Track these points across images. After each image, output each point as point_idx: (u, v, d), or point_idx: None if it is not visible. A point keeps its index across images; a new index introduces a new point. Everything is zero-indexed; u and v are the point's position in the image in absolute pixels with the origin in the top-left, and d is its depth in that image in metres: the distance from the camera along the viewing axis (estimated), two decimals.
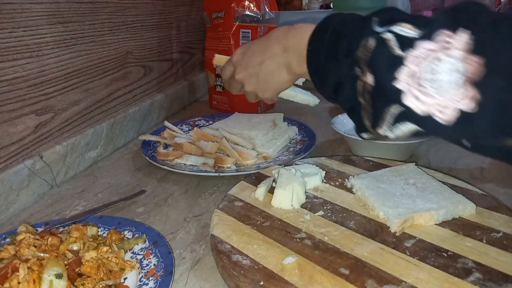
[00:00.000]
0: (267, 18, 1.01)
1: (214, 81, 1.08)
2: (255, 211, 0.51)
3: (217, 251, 0.44)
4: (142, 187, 0.67)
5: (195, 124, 0.90)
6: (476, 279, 0.37)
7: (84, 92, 0.75)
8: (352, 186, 0.56)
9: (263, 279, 0.39)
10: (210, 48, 1.06)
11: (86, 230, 0.48)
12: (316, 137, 0.79)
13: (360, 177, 0.56)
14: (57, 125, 0.69)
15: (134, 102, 0.93)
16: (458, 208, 0.48)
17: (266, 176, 0.60)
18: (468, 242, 0.43)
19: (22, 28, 0.60)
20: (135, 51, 0.92)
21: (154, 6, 0.99)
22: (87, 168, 0.75)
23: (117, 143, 0.84)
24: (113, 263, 0.44)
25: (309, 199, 0.54)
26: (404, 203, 0.49)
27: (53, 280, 0.39)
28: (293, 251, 0.43)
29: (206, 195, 0.63)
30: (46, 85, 0.66)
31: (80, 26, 0.73)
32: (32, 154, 0.63)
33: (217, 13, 1.01)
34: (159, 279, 0.42)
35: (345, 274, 0.39)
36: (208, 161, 0.68)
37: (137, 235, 0.50)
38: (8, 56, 0.58)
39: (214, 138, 0.74)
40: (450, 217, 0.47)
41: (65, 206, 0.61)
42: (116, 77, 0.85)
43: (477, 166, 0.69)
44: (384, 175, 0.56)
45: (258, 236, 0.46)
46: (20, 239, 0.45)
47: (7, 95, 0.58)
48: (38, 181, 0.64)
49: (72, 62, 0.71)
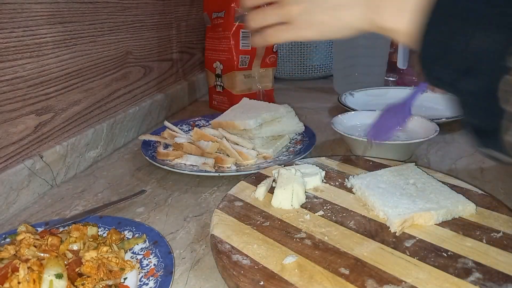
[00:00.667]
0: None
1: (214, 81, 1.08)
2: (255, 211, 0.51)
3: (217, 251, 0.44)
4: (142, 187, 0.67)
5: (195, 124, 0.90)
6: (476, 279, 0.37)
7: (84, 92, 0.75)
8: (352, 186, 0.56)
9: (263, 279, 0.39)
10: (210, 48, 1.06)
11: (86, 230, 0.48)
12: (316, 137, 0.79)
13: (360, 177, 0.56)
14: (57, 125, 0.69)
15: (134, 102, 0.93)
16: (458, 208, 0.48)
17: (266, 176, 0.60)
18: (468, 242, 0.43)
19: (22, 28, 0.60)
20: (135, 51, 0.92)
21: (154, 6, 0.99)
22: (87, 168, 0.75)
23: (117, 143, 0.84)
24: (113, 263, 0.44)
25: (309, 199, 0.54)
26: (404, 203, 0.49)
27: (53, 280, 0.39)
28: (293, 251, 0.43)
29: (206, 195, 0.63)
30: (46, 85, 0.66)
31: (80, 26, 0.73)
32: (32, 154, 0.63)
33: (217, 13, 1.01)
34: (159, 279, 0.42)
35: (345, 274, 0.39)
36: (208, 161, 0.68)
37: (137, 235, 0.50)
38: (8, 56, 0.58)
39: (214, 138, 0.74)
40: (450, 217, 0.47)
41: (65, 206, 0.61)
42: (116, 77, 0.86)
43: (477, 166, 0.69)
44: (384, 175, 0.56)
45: (258, 236, 0.46)
46: (20, 239, 0.45)
47: (7, 95, 0.59)
48: (38, 181, 0.64)
49: (72, 62, 0.71)
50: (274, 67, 1.08)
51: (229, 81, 1.03)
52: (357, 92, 1.05)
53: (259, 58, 1.03)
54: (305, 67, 1.39)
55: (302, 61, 1.38)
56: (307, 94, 1.24)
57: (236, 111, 0.84)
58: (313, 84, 1.37)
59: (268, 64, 1.06)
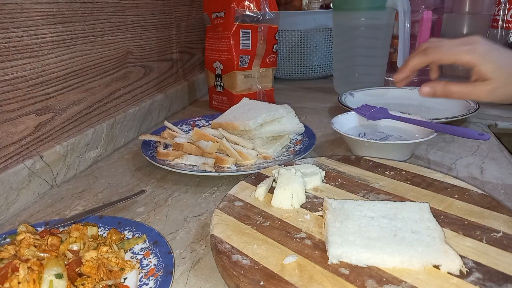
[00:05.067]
0: (267, 18, 1.01)
1: (214, 81, 1.08)
2: (255, 211, 0.51)
3: (217, 251, 0.44)
4: (142, 187, 0.67)
5: (195, 124, 0.90)
6: (476, 279, 0.37)
7: (84, 92, 0.75)
8: (326, 203, 0.49)
9: (263, 279, 0.39)
10: (210, 48, 1.06)
11: (86, 230, 0.48)
12: (316, 137, 0.79)
13: (339, 201, 0.50)
14: (57, 125, 0.69)
15: (134, 102, 0.93)
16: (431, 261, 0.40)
17: (266, 176, 0.60)
18: (468, 242, 0.43)
19: (22, 28, 0.60)
20: (135, 51, 0.92)
21: (154, 6, 0.99)
22: (87, 168, 0.75)
23: (117, 143, 0.84)
24: (113, 263, 0.44)
25: (309, 199, 0.54)
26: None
27: (53, 280, 0.39)
28: (293, 251, 0.43)
29: (206, 195, 0.63)
30: (46, 85, 0.66)
31: (80, 26, 0.73)
32: (32, 154, 0.63)
33: (217, 13, 1.01)
34: (159, 279, 0.42)
35: (345, 274, 0.39)
36: (208, 161, 0.68)
37: (137, 235, 0.50)
38: (8, 56, 0.58)
39: (214, 138, 0.74)
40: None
41: (65, 206, 0.61)
42: (116, 77, 0.86)
43: (477, 166, 0.69)
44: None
45: (258, 236, 0.46)
46: (20, 239, 0.45)
47: (7, 95, 0.59)
48: (38, 181, 0.64)
49: (72, 62, 0.71)
50: (274, 67, 1.08)
51: (229, 81, 1.03)
52: (357, 92, 1.05)
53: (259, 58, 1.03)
54: (305, 67, 1.39)
55: (302, 61, 1.38)
56: (307, 94, 1.24)
57: (236, 111, 0.84)
58: (313, 84, 1.37)
59: (268, 64, 1.06)
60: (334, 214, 0.47)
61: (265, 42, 1.02)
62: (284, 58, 1.39)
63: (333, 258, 0.41)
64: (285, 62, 1.39)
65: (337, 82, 1.20)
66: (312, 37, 1.34)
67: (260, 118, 0.76)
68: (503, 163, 0.70)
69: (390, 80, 1.27)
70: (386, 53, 1.15)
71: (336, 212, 0.47)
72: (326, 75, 1.42)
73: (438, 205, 0.50)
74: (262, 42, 1.02)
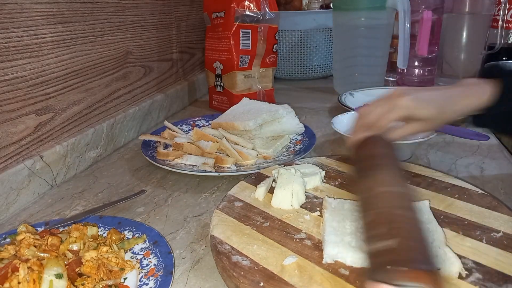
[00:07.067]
0: (267, 18, 1.01)
1: (214, 81, 1.08)
2: (255, 212, 0.51)
3: (217, 252, 0.44)
4: (142, 187, 0.67)
5: (195, 124, 0.90)
6: (476, 279, 0.37)
7: (84, 92, 0.75)
8: (326, 202, 0.50)
9: (263, 280, 0.39)
10: (210, 48, 1.06)
11: (86, 230, 0.48)
12: (316, 137, 0.79)
13: (340, 201, 0.50)
14: (57, 125, 0.69)
15: (134, 102, 0.93)
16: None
17: (266, 176, 0.60)
18: (468, 242, 0.43)
19: (22, 28, 0.60)
20: (135, 51, 0.92)
21: (154, 6, 0.99)
22: (87, 168, 0.75)
23: (117, 143, 0.84)
24: (113, 263, 0.44)
25: (309, 199, 0.54)
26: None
27: (53, 280, 0.39)
28: (293, 251, 0.43)
29: (206, 195, 0.63)
30: (46, 85, 0.66)
31: (80, 26, 0.73)
32: (32, 154, 0.63)
33: (217, 13, 1.01)
34: (159, 279, 0.42)
35: (345, 274, 0.39)
36: (208, 161, 0.68)
37: (137, 235, 0.50)
38: (8, 56, 0.58)
39: (214, 138, 0.74)
40: None
41: (65, 206, 0.61)
42: (116, 77, 0.86)
43: (477, 166, 0.69)
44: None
45: (258, 236, 0.46)
46: (20, 239, 0.45)
47: (7, 95, 0.59)
48: (38, 181, 0.64)
49: (72, 62, 0.71)
50: (274, 67, 1.08)
51: (229, 81, 1.03)
52: (357, 92, 1.05)
53: (259, 58, 1.03)
54: (305, 67, 1.39)
55: (302, 61, 1.38)
56: (307, 94, 1.24)
57: (236, 111, 0.84)
58: (313, 84, 1.37)
59: (268, 64, 1.06)
60: (333, 213, 0.47)
61: (265, 42, 1.02)
62: (284, 58, 1.38)
63: (328, 258, 0.41)
64: (285, 62, 1.39)
65: (337, 82, 1.20)
66: (312, 37, 1.34)
67: (260, 118, 0.76)
68: (503, 163, 0.70)
69: (390, 80, 1.27)
70: (386, 53, 1.15)
71: (335, 211, 0.47)
72: (326, 75, 1.42)
73: (438, 204, 0.50)
74: (262, 42, 1.02)
